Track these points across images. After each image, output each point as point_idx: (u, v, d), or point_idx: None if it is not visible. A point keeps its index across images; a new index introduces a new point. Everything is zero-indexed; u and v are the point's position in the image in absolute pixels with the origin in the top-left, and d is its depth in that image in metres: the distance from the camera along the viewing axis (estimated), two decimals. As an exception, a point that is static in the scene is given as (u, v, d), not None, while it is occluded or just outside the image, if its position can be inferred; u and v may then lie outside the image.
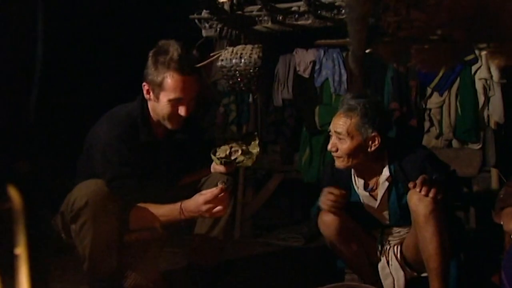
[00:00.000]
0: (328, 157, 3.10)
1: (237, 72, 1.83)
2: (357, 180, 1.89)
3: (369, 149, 1.77)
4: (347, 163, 1.79)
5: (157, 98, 1.70)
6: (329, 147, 1.82)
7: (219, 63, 1.86)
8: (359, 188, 1.88)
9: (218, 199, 1.59)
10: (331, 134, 1.84)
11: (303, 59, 3.11)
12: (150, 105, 1.76)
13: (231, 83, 1.89)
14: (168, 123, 1.74)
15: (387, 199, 1.83)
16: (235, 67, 1.83)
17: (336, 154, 1.80)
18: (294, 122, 3.21)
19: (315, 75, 3.07)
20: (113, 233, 1.64)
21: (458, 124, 2.77)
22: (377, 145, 1.77)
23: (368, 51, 1.55)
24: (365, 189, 1.86)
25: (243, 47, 1.85)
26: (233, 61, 1.83)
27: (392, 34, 1.08)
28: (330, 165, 1.96)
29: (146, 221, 1.68)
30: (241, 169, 3.04)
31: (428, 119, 2.89)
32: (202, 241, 1.80)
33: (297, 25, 1.91)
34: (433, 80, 2.79)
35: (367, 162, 1.81)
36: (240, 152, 1.71)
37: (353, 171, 1.90)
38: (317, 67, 3.06)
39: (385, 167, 1.81)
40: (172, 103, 1.68)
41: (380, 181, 1.83)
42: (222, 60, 1.85)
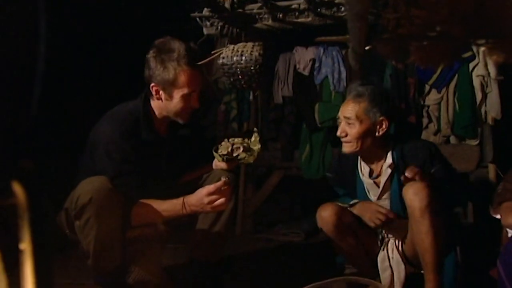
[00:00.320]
0: (328, 154, 3.13)
1: (238, 69, 1.85)
2: (363, 167, 1.92)
3: (377, 133, 1.82)
4: (356, 148, 1.83)
5: (170, 96, 1.72)
6: (339, 133, 1.86)
7: (220, 61, 1.88)
8: (364, 175, 1.91)
9: (220, 192, 1.62)
10: (340, 121, 1.88)
11: (303, 57, 3.13)
12: (157, 104, 1.77)
13: (232, 80, 1.91)
14: (180, 118, 1.77)
15: (389, 187, 1.86)
16: (236, 64, 1.85)
17: (345, 139, 1.84)
18: (294, 119, 3.23)
19: (315, 73, 3.09)
20: (117, 229, 1.65)
21: (456, 120, 2.79)
22: (385, 130, 1.82)
23: (367, 48, 1.57)
24: (370, 176, 1.90)
25: (244, 45, 1.87)
26: (234, 58, 1.85)
27: (391, 31, 1.09)
28: (337, 156, 2.02)
29: (148, 216, 1.69)
30: (242, 166, 3.06)
31: (426, 115, 2.90)
32: (204, 236, 1.82)
33: (297, 23, 1.92)
34: (431, 77, 2.81)
35: (374, 147, 1.85)
36: (242, 149, 1.73)
37: (359, 158, 1.93)
38: (317, 65, 3.08)
39: (389, 153, 1.85)
40: (185, 97, 1.71)
41: (383, 168, 1.86)
42: (223, 57, 1.87)
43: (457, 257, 1.80)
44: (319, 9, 1.83)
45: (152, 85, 1.73)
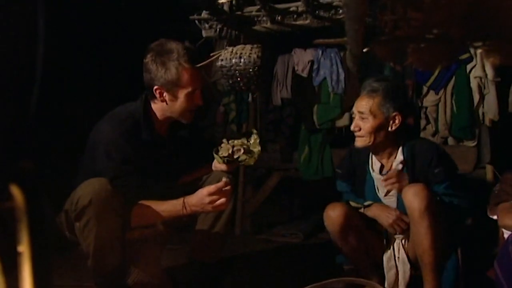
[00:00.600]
0: (326, 155, 3.15)
1: (237, 71, 1.86)
2: (374, 163, 1.94)
3: (389, 128, 1.84)
4: (368, 142, 1.85)
5: (175, 96, 1.73)
6: (352, 127, 1.88)
7: (219, 63, 1.89)
8: (375, 171, 1.92)
9: (221, 192, 1.62)
10: (354, 116, 1.90)
11: (302, 58, 3.14)
12: (159, 106, 1.77)
13: (230, 82, 1.92)
14: (184, 117, 1.78)
15: None
16: (235, 66, 1.86)
17: (358, 133, 1.87)
18: (293, 121, 3.24)
19: (313, 75, 3.10)
20: (117, 231, 1.65)
21: (453, 121, 2.80)
22: (398, 125, 1.84)
23: (365, 50, 1.58)
24: (380, 172, 1.91)
25: (242, 47, 1.88)
26: (233, 60, 1.86)
27: (389, 33, 1.10)
28: (348, 151, 2.03)
29: (148, 217, 1.70)
30: (241, 167, 3.07)
31: (424, 117, 2.92)
32: (203, 237, 1.83)
33: (296, 25, 1.94)
34: (429, 78, 2.82)
35: (386, 142, 1.87)
36: (242, 151, 1.74)
37: (371, 154, 1.95)
38: (315, 66, 3.09)
39: (400, 149, 1.87)
40: (190, 96, 1.73)
41: (394, 165, 1.88)
42: (222, 60, 1.88)
43: (457, 259, 1.81)
44: (317, 12, 1.84)
45: (155, 88, 1.73)
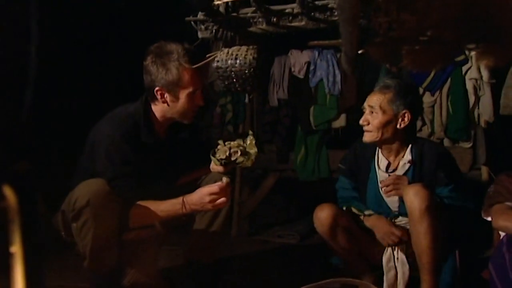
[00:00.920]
0: (323, 156, 3.15)
1: (233, 73, 1.86)
2: (380, 160, 1.95)
3: (398, 126, 1.85)
4: (376, 137, 1.86)
5: (176, 97, 1.74)
6: (361, 121, 1.89)
7: (215, 64, 1.89)
8: (381, 168, 1.93)
9: (222, 191, 1.63)
10: (364, 110, 1.91)
11: (298, 60, 3.15)
12: (160, 107, 1.77)
13: (226, 83, 1.93)
14: (186, 118, 1.79)
15: None
16: (231, 68, 1.86)
17: (367, 128, 1.88)
18: (289, 122, 3.25)
19: (310, 76, 3.10)
20: (114, 232, 1.66)
21: (449, 123, 2.81)
22: (406, 123, 1.85)
23: (360, 52, 1.59)
24: (387, 170, 1.92)
25: (238, 48, 1.88)
26: (229, 62, 1.86)
27: (383, 35, 1.10)
28: (353, 148, 2.04)
29: (147, 217, 1.70)
30: (237, 169, 3.07)
31: (420, 118, 2.93)
32: (200, 238, 1.83)
33: (291, 27, 1.93)
34: (425, 80, 2.83)
35: (395, 139, 1.88)
36: (239, 153, 1.74)
37: (378, 151, 1.96)
38: (312, 68, 3.10)
39: (408, 149, 1.89)
40: (191, 96, 1.74)
41: (400, 163, 1.89)
42: (217, 61, 1.88)
43: (455, 260, 1.82)
44: (312, 13, 1.84)
45: (156, 89, 1.73)
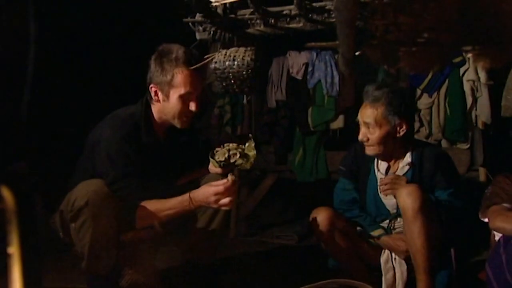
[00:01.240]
0: (321, 157, 3.16)
1: (230, 74, 1.87)
2: (380, 163, 1.95)
3: (397, 135, 1.86)
4: (379, 150, 1.87)
5: (167, 96, 1.74)
6: (360, 137, 1.89)
7: (213, 65, 1.90)
8: (380, 170, 1.94)
9: (227, 190, 1.63)
10: (359, 123, 1.91)
11: (296, 61, 3.15)
12: (156, 107, 1.78)
13: (224, 85, 1.93)
14: (178, 121, 1.77)
15: None
16: (228, 69, 1.87)
17: (367, 143, 1.88)
18: (287, 123, 3.26)
19: (308, 77, 3.11)
20: (112, 232, 1.65)
21: (447, 124, 2.82)
22: (405, 130, 1.86)
23: (357, 53, 1.59)
24: (386, 173, 1.92)
25: (236, 50, 1.89)
26: (227, 63, 1.87)
27: (380, 37, 1.10)
28: (353, 148, 2.03)
29: (155, 216, 1.69)
30: (235, 170, 3.07)
31: (418, 119, 2.94)
32: (198, 238, 1.83)
33: (289, 28, 1.94)
34: (423, 81, 2.84)
35: (395, 146, 1.89)
36: (238, 155, 1.74)
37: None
38: (310, 69, 3.11)
39: (409, 153, 1.89)
40: (182, 99, 1.73)
41: (400, 166, 1.90)
42: (215, 62, 1.89)
43: (451, 261, 1.83)
44: (310, 15, 1.85)
45: (151, 86, 1.76)
